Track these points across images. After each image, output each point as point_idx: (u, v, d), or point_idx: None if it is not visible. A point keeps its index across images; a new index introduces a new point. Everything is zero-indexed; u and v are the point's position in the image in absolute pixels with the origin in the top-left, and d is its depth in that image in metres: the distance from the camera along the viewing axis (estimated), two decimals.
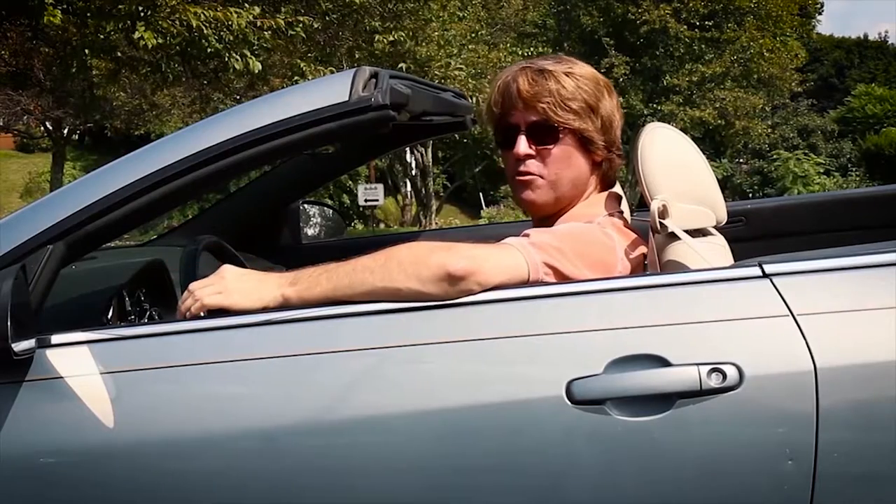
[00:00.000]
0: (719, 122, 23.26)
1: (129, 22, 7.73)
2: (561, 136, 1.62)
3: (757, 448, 1.28)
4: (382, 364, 1.36)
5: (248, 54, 8.19)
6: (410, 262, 1.39)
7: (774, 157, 27.35)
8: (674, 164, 1.60)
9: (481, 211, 25.50)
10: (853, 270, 1.35)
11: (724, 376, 1.27)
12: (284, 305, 1.44)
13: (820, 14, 34.24)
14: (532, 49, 20.09)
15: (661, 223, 1.51)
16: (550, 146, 1.63)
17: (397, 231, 16.35)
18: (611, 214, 1.63)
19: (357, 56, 12.07)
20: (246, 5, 8.09)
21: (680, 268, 1.49)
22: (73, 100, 16.48)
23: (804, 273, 1.35)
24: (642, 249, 1.58)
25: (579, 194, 1.67)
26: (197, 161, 1.45)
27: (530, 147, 1.63)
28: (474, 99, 11.72)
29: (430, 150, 21.53)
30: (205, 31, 7.67)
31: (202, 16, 7.58)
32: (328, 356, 1.37)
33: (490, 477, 1.31)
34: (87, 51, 8.79)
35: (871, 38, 42.35)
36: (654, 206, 1.51)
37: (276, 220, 2.63)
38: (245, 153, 1.46)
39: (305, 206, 2.79)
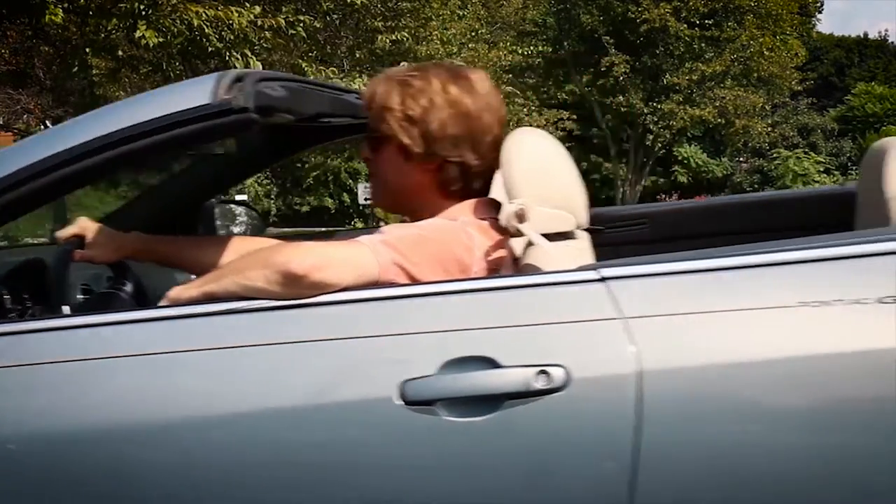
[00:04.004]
0: (719, 120, 23.29)
1: (130, 20, 7.73)
2: (383, 143, 1.64)
3: (580, 448, 1.31)
4: (228, 364, 1.38)
5: (249, 53, 8.20)
6: (261, 263, 1.42)
7: (774, 155, 27.36)
8: (536, 169, 1.61)
9: None
10: (687, 275, 1.38)
11: (552, 378, 1.30)
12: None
13: (820, 13, 34.28)
14: (532, 48, 20.09)
15: (514, 226, 1.52)
16: (376, 153, 1.66)
17: None
18: (482, 219, 1.60)
19: (358, 55, 12.06)
20: (247, 4, 8.09)
21: (534, 270, 1.51)
22: (73, 99, 16.43)
23: (639, 277, 1.38)
24: (504, 252, 1.57)
25: (424, 202, 1.65)
26: (59, 160, 1.47)
27: (368, 151, 1.68)
28: None
29: None
30: (206, 31, 7.68)
31: (203, 15, 7.58)
32: (178, 356, 1.39)
33: (326, 474, 1.34)
34: (87, 49, 8.79)
35: (871, 36, 42.34)
36: (510, 209, 1.53)
37: (193, 218, 2.59)
38: (106, 154, 1.47)
39: (224, 205, 2.73)
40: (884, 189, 1.83)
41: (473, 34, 17.38)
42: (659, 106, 23.09)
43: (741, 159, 30.93)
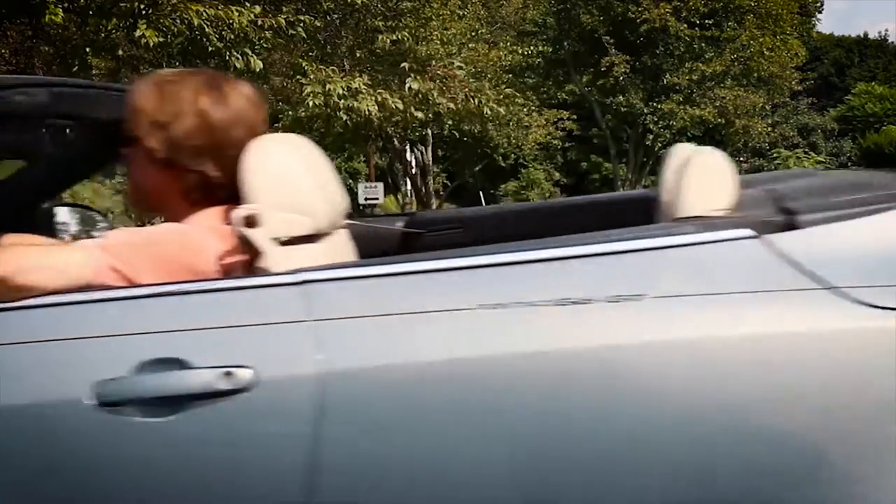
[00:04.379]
0: (719, 120, 23.25)
1: (130, 20, 7.73)
2: (135, 144, 1.64)
3: (263, 448, 1.34)
4: None
5: (250, 53, 8.21)
6: None
7: (774, 155, 27.38)
8: (275, 175, 1.62)
9: None
10: (383, 278, 1.41)
11: (237, 379, 1.33)
12: None
13: (820, 12, 34.28)
14: (532, 48, 20.07)
15: (241, 231, 1.53)
16: (130, 152, 1.66)
17: None
18: (228, 224, 1.60)
19: (358, 55, 12.07)
20: (247, 4, 8.09)
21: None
22: None
23: (338, 280, 1.41)
24: (240, 257, 1.58)
25: (170, 206, 1.66)
26: None
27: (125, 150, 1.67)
28: (476, 100, 11.69)
29: (430, 148, 21.49)
30: (206, 30, 7.68)
31: (204, 14, 7.59)
32: None
33: (25, 476, 1.36)
34: (87, 49, 8.79)
35: (871, 36, 42.36)
36: (239, 214, 1.54)
37: (30, 221, 2.49)
38: None
39: (62, 208, 2.67)
40: (662, 193, 1.86)
41: (473, 34, 17.37)
42: (659, 106, 23.06)
43: (741, 159, 30.91)
